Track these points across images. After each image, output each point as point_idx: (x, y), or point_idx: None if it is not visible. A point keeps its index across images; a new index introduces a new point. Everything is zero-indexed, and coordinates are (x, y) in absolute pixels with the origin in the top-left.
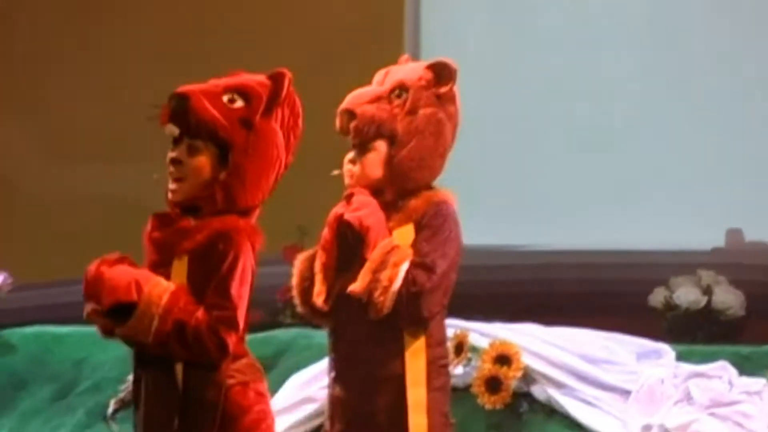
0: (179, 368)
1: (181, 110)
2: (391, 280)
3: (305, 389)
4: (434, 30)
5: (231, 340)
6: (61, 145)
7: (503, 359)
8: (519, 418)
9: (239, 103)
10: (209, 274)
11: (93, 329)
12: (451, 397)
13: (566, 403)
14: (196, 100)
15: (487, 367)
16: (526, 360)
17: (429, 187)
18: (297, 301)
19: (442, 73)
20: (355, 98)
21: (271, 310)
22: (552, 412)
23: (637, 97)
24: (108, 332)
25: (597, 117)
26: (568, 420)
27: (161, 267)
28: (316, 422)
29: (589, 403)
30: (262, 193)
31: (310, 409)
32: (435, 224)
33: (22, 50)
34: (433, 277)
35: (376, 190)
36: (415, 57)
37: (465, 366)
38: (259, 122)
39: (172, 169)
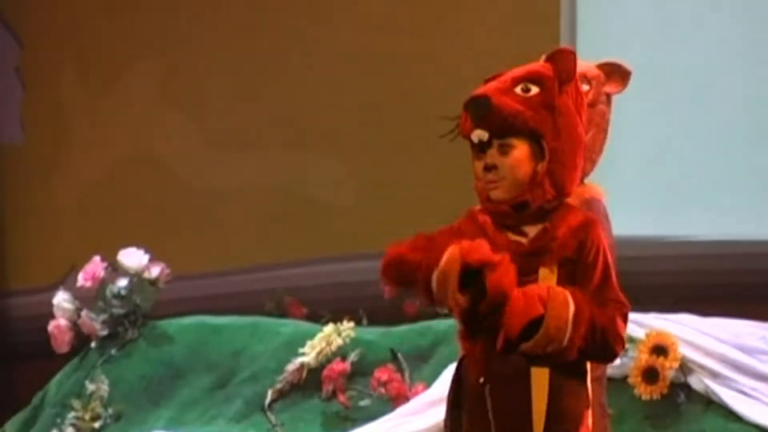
0: (542, 380)
1: (487, 113)
2: None
3: None
4: (590, 22)
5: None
6: (222, 135)
7: (660, 350)
8: (676, 409)
9: (534, 90)
10: (582, 272)
11: (250, 320)
12: (607, 388)
13: (724, 394)
14: (498, 98)
15: (644, 358)
16: (683, 350)
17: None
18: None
19: (617, 73)
20: None
21: None
22: (709, 402)
23: None
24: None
25: (757, 105)
26: (726, 411)
27: (522, 276)
28: None
29: (746, 394)
30: (578, 172)
31: None
32: None
33: (187, 43)
34: None
35: None
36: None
37: (622, 357)
38: (558, 103)
39: (489, 176)
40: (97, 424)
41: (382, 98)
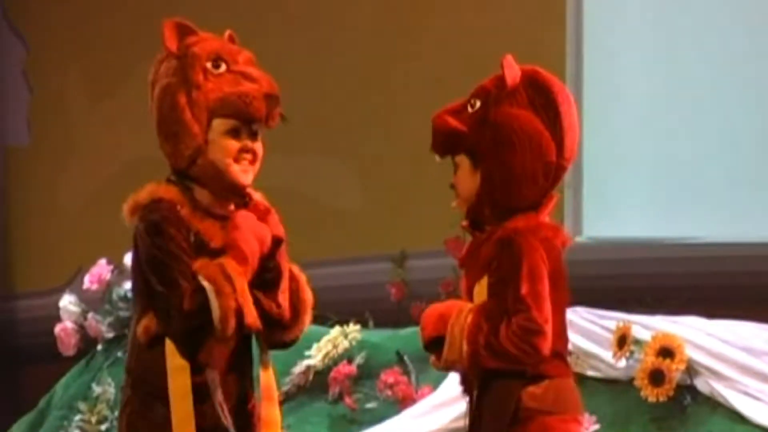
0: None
1: (432, 136)
2: None
3: None
4: (597, 23)
5: (540, 342)
6: None
7: (666, 352)
8: (682, 411)
9: (477, 105)
10: (504, 284)
11: None
12: (612, 390)
13: (730, 396)
14: (437, 118)
15: (650, 360)
16: (690, 353)
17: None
18: None
19: None
20: None
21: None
22: (716, 405)
23: None
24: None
25: (763, 105)
26: (732, 413)
27: (471, 290)
28: None
29: (753, 396)
30: (527, 183)
31: None
32: None
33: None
34: None
35: None
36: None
37: (628, 359)
38: (494, 114)
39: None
40: (103, 427)
41: (389, 100)
